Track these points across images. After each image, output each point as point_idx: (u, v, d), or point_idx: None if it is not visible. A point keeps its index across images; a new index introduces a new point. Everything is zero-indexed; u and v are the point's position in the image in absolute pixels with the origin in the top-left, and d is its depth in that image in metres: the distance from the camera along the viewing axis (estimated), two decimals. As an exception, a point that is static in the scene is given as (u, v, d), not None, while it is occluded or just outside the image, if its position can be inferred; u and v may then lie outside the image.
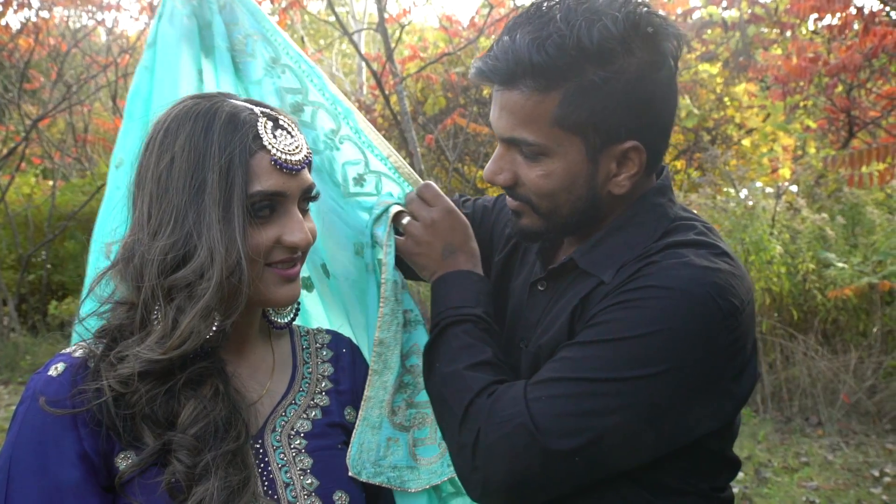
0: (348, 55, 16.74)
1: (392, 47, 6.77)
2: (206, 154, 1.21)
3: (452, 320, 1.43)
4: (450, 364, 1.39)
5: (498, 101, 1.34)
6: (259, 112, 1.27)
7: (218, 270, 1.18)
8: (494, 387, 1.33)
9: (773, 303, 6.17)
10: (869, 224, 6.59)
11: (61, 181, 9.75)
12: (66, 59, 8.90)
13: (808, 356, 5.89)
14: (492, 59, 1.32)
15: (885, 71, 6.76)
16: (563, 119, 1.30)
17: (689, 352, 1.25)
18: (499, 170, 1.39)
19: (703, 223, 1.41)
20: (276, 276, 1.29)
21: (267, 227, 1.26)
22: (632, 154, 1.35)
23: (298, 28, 12.00)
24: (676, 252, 1.32)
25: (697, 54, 9.88)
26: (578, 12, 1.26)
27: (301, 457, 1.34)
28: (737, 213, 6.38)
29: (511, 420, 1.26)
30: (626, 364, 1.24)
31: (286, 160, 1.25)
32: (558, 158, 1.34)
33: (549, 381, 1.28)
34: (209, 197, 1.20)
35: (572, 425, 1.24)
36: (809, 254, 6.13)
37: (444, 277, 1.50)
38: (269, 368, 1.40)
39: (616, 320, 1.28)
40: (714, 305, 1.25)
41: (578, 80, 1.28)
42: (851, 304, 6.05)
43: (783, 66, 6.93)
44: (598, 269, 1.38)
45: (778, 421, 5.78)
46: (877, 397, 5.70)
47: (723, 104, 10.11)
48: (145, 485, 1.19)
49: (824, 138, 8.74)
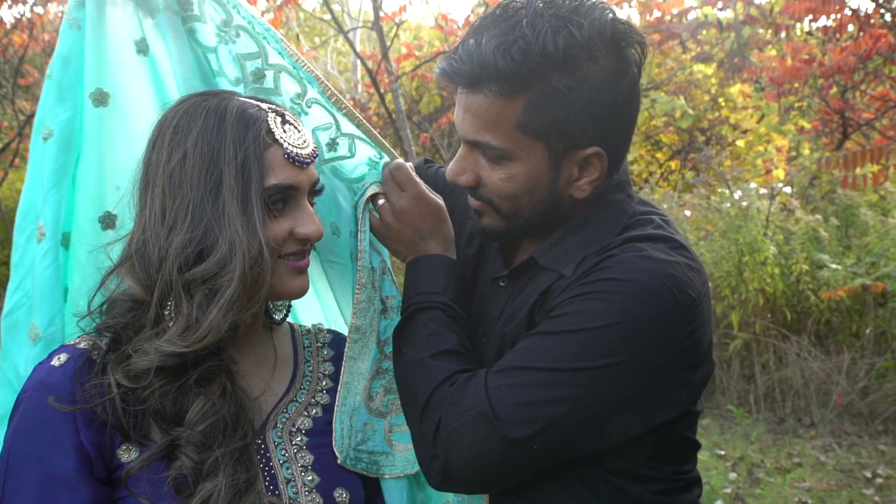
0: (343, 53, 16.70)
1: (388, 46, 6.77)
2: (221, 149, 1.24)
3: (420, 306, 1.44)
4: (415, 351, 1.40)
5: (462, 103, 1.35)
6: (266, 108, 1.30)
7: (240, 262, 1.21)
8: (457, 376, 1.34)
9: (767, 303, 6.18)
10: (862, 225, 6.61)
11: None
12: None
13: (802, 357, 5.91)
14: (457, 62, 1.32)
15: (878, 73, 6.78)
16: (527, 124, 1.31)
17: (646, 343, 1.28)
18: (461, 170, 1.41)
19: (660, 216, 1.45)
20: (289, 267, 1.32)
21: (280, 219, 1.29)
22: (594, 160, 1.37)
23: (294, 25, 11.99)
24: (635, 246, 1.35)
25: (692, 55, 9.89)
26: (545, 18, 1.27)
27: (302, 453, 1.35)
28: (731, 213, 6.39)
29: (472, 408, 1.28)
30: (582, 355, 1.27)
31: (297, 154, 1.29)
32: (521, 162, 1.35)
33: (508, 370, 1.30)
34: (227, 191, 1.23)
35: (529, 414, 1.27)
36: (803, 255, 6.15)
37: (414, 262, 1.51)
38: (271, 365, 1.42)
39: (575, 312, 1.31)
40: (671, 297, 1.29)
41: (543, 86, 1.29)
42: (844, 305, 6.07)
43: (778, 67, 6.94)
44: (558, 264, 1.41)
45: (771, 421, 5.79)
46: (869, 398, 5.72)
47: (717, 105, 10.13)
48: (151, 479, 1.20)
49: (818, 139, 8.77)
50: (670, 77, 9.51)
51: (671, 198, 7.00)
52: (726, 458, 5.16)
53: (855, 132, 7.75)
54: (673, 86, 9.64)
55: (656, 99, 9.16)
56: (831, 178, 7.48)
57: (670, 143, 10.59)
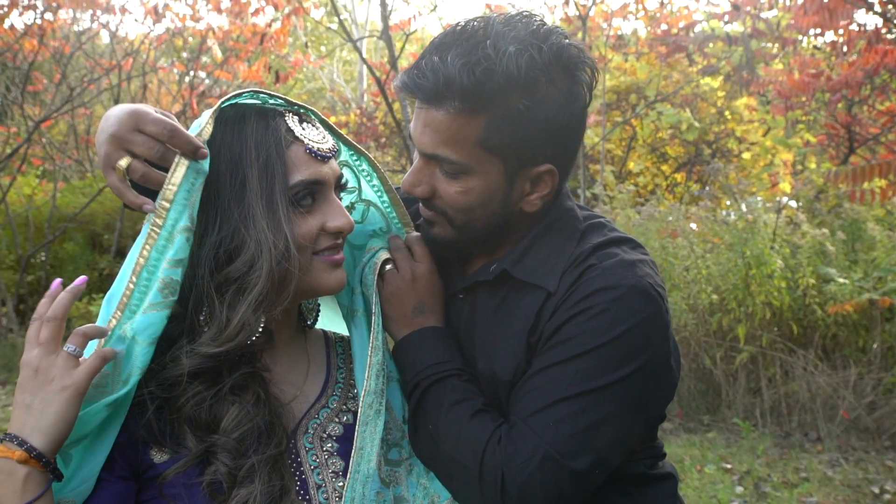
0: (349, 62, 16.78)
1: (397, 55, 6.79)
2: (243, 152, 1.27)
3: (434, 379, 1.43)
4: (447, 423, 1.39)
5: (422, 117, 1.38)
6: (284, 109, 1.33)
7: (267, 260, 1.23)
8: (497, 432, 1.36)
9: (774, 317, 6.18)
10: (869, 240, 6.61)
11: (62, 183, 9.76)
12: (69, 62, 8.91)
13: (808, 371, 5.89)
14: (419, 77, 1.35)
15: (885, 88, 6.80)
16: (486, 141, 1.35)
17: (652, 341, 1.36)
18: (417, 182, 1.43)
19: (601, 217, 1.55)
20: (324, 263, 1.33)
21: (310, 216, 1.30)
22: (546, 177, 1.42)
23: (301, 35, 12.02)
24: (608, 252, 1.42)
25: (699, 68, 9.93)
26: (507, 39, 1.31)
27: (333, 459, 1.35)
28: (738, 226, 6.39)
29: (534, 456, 1.30)
30: (607, 369, 1.33)
31: (318, 148, 1.31)
32: (478, 177, 1.39)
33: (549, 406, 1.33)
34: (251, 191, 1.25)
35: (587, 441, 1.32)
36: (810, 269, 6.14)
37: (412, 337, 1.48)
38: (304, 370, 1.42)
39: (584, 332, 1.35)
40: (655, 293, 1.37)
41: (504, 106, 1.32)
42: (851, 319, 6.06)
43: (787, 81, 6.96)
44: (537, 278, 1.44)
45: (777, 436, 5.78)
46: (876, 414, 5.70)
47: (723, 118, 10.15)
48: (185, 484, 1.21)
49: (823, 153, 8.79)
50: (677, 90, 9.52)
51: (678, 210, 7.00)
52: (732, 472, 5.15)
53: (861, 147, 7.77)
54: (679, 98, 9.66)
55: (662, 111, 9.18)
56: (838, 193, 7.49)
57: (676, 155, 10.61)
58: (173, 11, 8.91)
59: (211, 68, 9.62)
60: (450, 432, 1.38)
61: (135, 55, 9.10)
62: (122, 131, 1.24)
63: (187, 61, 9.76)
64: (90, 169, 10.25)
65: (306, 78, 15.08)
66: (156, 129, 1.24)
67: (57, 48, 8.61)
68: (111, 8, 8.59)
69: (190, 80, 9.67)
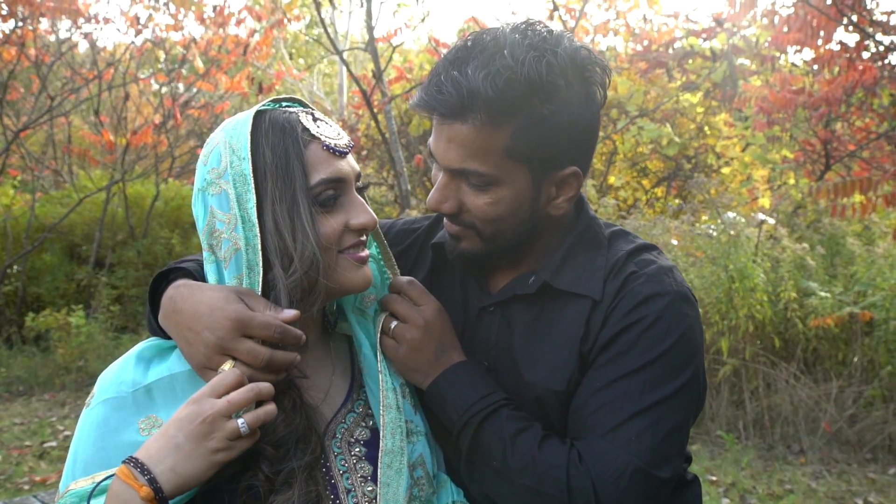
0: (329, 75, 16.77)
1: (383, 68, 6.79)
2: (259, 160, 1.25)
3: (486, 414, 1.40)
4: (517, 455, 1.36)
5: (444, 133, 1.38)
6: (297, 110, 1.32)
7: (299, 266, 1.23)
8: (572, 453, 1.35)
9: (756, 330, 6.23)
10: (848, 255, 6.69)
11: (39, 193, 9.66)
12: (49, 71, 8.83)
13: (790, 384, 5.94)
14: (439, 93, 1.35)
15: (863, 105, 6.91)
16: (513, 150, 1.36)
17: (699, 342, 1.43)
18: (444, 198, 1.43)
19: (614, 224, 1.59)
20: (350, 260, 1.32)
21: (333, 215, 1.29)
22: (571, 179, 1.44)
23: (282, 47, 12.01)
24: (644, 259, 1.47)
25: (679, 84, 10.02)
26: (522, 48, 1.32)
27: (362, 464, 1.35)
28: (721, 240, 6.45)
29: (624, 470, 1.31)
30: (671, 376, 1.37)
31: (336, 144, 1.30)
32: (506, 187, 1.39)
33: (626, 422, 1.35)
34: (273, 198, 1.24)
35: (668, 450, 1.35)
36: (791, 282, 6.20)
37: (445, 378, 1.44)
38: (329, 374, 1.41)
39: (643, 342, 1.38)
40: (691, 295, 1.45)
41: (529, 113, 1.34)
42: (832, 333, 6.12)
43: (769, 97, 7.04)
44: (580, 287, 1.45)
45: (760, 448, 5.82)
46: (857, 426, 5.76)
47: (703, 133, 10.25)
48: (227, 489, 1.21)
49: (800, 169, 8.89)
50: (658, 105, 9.60)
51: (662, 223, 7.04)
52: (718, 484, 5.17)
53: (836, 163, 7.87)
54: (660, 114, 9.74)
55: (643, 126, 9.25)
56: (816, 208, 7.58)
57: (656, 170, 10.69)
58: (155, 22, 8.85)
59: (192, 79, 9.56)
60: (523, 464, 1.35)
61: (116, 64, 9.03)
62: (227, 339, 1.19)
63: (168, 72, 9.70)
64: (68, 179, 10.15)
65: (285, 90, 15.04)
66: (265, 333, 1.20)
67: (36, 57, 8.52)
68: (94, 17, 8.53)
69: (171, 91, 9.61)
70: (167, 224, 9.64)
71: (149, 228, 9.46)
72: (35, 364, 7.65)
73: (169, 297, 1.28)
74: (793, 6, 7.01)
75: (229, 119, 1.33)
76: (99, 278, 8.79)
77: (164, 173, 10.05)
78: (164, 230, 9.47)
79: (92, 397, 1.25)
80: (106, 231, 9.24)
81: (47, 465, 5.49)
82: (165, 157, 9.97)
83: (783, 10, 7.21)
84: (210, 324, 1.20)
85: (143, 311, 8.76)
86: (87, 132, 10.19)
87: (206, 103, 10.09)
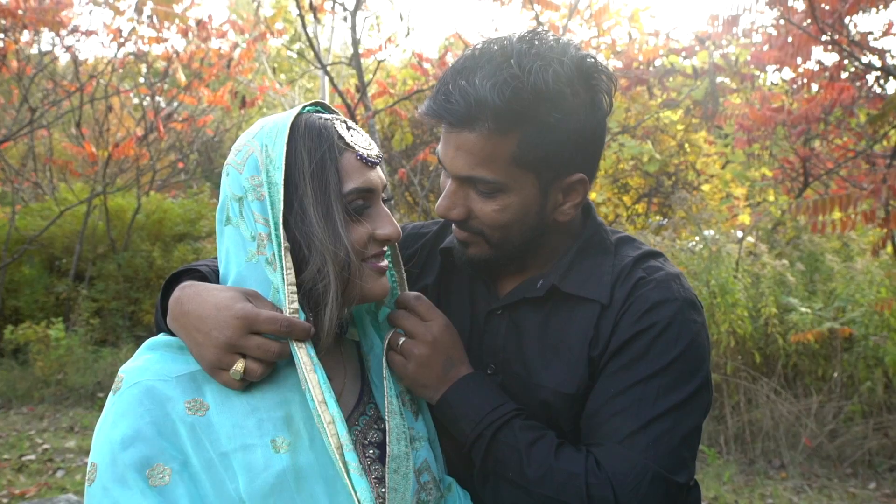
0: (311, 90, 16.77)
1: (367, 83, 6.81)
2: (296, 163, 1.26)
3: (499, 425, 1.40)
4: (533, 464, 1.36)
5: (452, 141, 1.40)
6: (331, 117, 1.33)
7: (331, 267, 1.24)
8: (590, 459, 1.36)
9: (737, 345, 6.27)
10: (827, 271, 6.77)
11: (19, 205, 9.59)
12: (31, 83, 8.79)
13: (771, 399, 5.99)
14: (447, 102, 1.37)
15: (841, 124, 6.99)
16: (521, 158, 1.38)
17: (707, 348, 1.45)
18: (452, 205, 1.45)
19: (619, 231, 1.61)
20: (372, 269, 1.33)
21: (361, 223, 1.30)
22: (577, 185, 1.46)
23: (264, 61, 12.00)
24: (651, 265, 1.49)
25: (659, 101, 10.11)
26: (529, 57, 1.34)
27: (375, 465, 1.35)
28: (704, 255, 6.50)
29: (643, 476, 1.32)
30: (684, 381, 1.39)
31: (368, 154, 1.31)
32: (514, 193, 1.41)
33: (642, 428, 1.36)
34: (307, 200, 1.25)
35: (683, 454, 1.37)
36: (771, 298, 6.26)
37: (455, 391, 1.44)
38: (342, 378, 1.41)
39: (655, 348, 1.40)
40: (698, 301, 1.47)
41: (536, 121, 1.36)
42: (812, 348, 6.18)
43: (749, 115, 7.12)
44: (588, 291, 1.48)
45: (741, 462, 5.85)
46: (837, 441, 5.80)
47: (683, 150, 10.33)
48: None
49: (779, 186, 8.98)
50: (639, 122, 9.69)
51: (644, 239, 7.09)
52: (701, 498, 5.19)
53: (815, 181, 7.96)
54: (641, 130, 9.83)
55: (624, 143, 9.32)
56: (796, 225, 7.66)
57: (637, 186, 10.76)
58: (138, 34, 8.83)
59: (174, 93, 9.54)
60: (541, 474, 1.35)
61: (99, 77, 9.00)
62: (235, 337, 1.20)
63: (150, 85, 9.68)
64: (48, 192, 10.08)
65: (267, 104, 15.04)
66: (273, 327, 1.21)
67: (19, 69, 8.47)
68: (76, 28, 8.50)
69: (153, 104, 9.58)
70: (148, 237, 9.59)
71: (129, 241, 9.41)
72: (13, 377, 7.57)
73: (176, 299, 1.28)
74: (773, 25, 7.11)
75: (262, 125, 1.33)
76: (79, 291, 8.73)
77: (145, 186, 10.01)
78: (144, 243, 9.42)
79: (121, 381, 1.22)
80: (86, 244, 9.18)
81: (26, 478, 5.42)
82: (147, 170, 9.93)
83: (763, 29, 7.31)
84: (218, 323, 1.21)
85: (122, 325, 8.70)
86: (69, 144, 10.14)
87: (189, 116, 10.07)
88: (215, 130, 12.16)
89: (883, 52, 6.19)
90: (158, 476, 1.14)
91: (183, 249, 9.19)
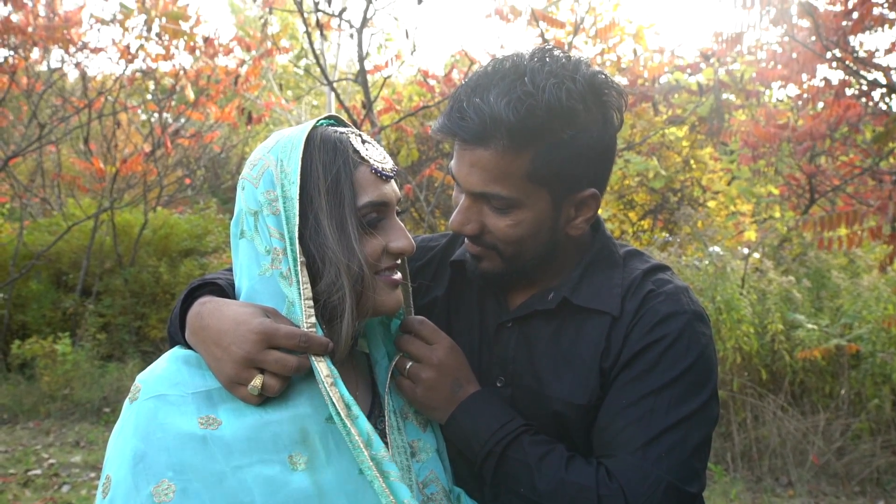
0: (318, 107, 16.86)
1: (374, 99, 6.85)
2: (311, 176, 1.28)
3: (508, 441, 1.42)
4: (544, 478, 1.37)
5: (466, 157, 1.41)
6: (346, 131, 1.35)
7: (346, 280, 1.26)
8: (601, 471, 1.37)
9: (744, 362, 6.26)
10: (834, 287, 6.75)
11: (27, 221, 9.63)
12: (40, 100, 8.85)
13: (778, 416, 5.96)
14: (462, 119, 1.39)
15: (847, 140, 7.00)
16: (534, 174, 1.40)
17: (714, 360, 1.47)
18: (466, 221, 1.47)
19: (628, 244, 1.63)
20: (386, 282, 1.34)
21: (374, 236, 1.32)
22: (589, 201, 1.48)
23: (271, 77, 12.07)
24: (660, 278, 1.52)
25: (664, 118, 10.13)
26: (542, 74, 1.36)
27: None
28: (709, 271, 6.49)
29: (656, 487, 1.33)
30: (695, 393, 1.41)
31: (383, 168, 1.33)
32: (528, 209, 1.43)
33: (654, 439, 1.37)
34: (322, 213, 1.26)
35: (695, 464, 1.38)
36: (777, 315, 6.24)
37: (463, 409, 1.45)
38: (354, 388, 1.42)
39: (666, 359, 1.42)
40: (705, 315, 1.49)
41: (549, 138, 1.37)
42: (819, 365, 6.16)
43: (754, 132, 7.13)
44: (598, 303, 1.50)
45: (748, 480, 5.82)
46: (845, 459, 5.77)
47: (689, 166, 10.35)
48: None
49: (785, 203, 8.98)
50: (645, 138, 9.71)
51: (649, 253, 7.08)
52: (707, 516, 5.17)
53: (821, 197, 7.96)
54: (646, 147, 9.85)
55: (630, 159, 9.34)
56: (802, 241, 7.65)
57: (643, 202, 10.77)
58: (146, 52, 8.89)
59: (182, 109, 9.59)
60: (552, 488, 1.36)
61: (107, 93, 9.06)
62: (254, 352, 1.21)
63: (158, 101, 9.73)
64: (57, 207, 10.13)
65: (274, 121, 15.11)
66: (291, 342, 1.22)
67: (28, 85, 8.53)
68: (84, 46, 8.56)
69: (161, 120, 9.63)
70: (155, 252, 9.61)
71: (136, 257, 9.43)
72: (20, 392, 7.58)
73: (195, 314, 1.29)
74: (778, 42, 7.13)
75: (277, 139, 1.34)
76: (86, 306, 8.74)
77: (152, 202, 10.04)
78: (151, 258, 9.44)
79: (137, 392, 1.22)
80: (93, 259, 9.20)
81: (32, 493, 5.42)
82: (154, 185, 9.97)
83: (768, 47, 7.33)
84: (236, 338, 1.22)
85: (129, 340, 8.71)
86: (77, 160, 10.19)
87: (196, 133, 10.12)
88: (222, 146, 12.24)
89: (888, 70, 6.20)
90: (163, 493, 1.14)
91: (189, 265, 9.21)
